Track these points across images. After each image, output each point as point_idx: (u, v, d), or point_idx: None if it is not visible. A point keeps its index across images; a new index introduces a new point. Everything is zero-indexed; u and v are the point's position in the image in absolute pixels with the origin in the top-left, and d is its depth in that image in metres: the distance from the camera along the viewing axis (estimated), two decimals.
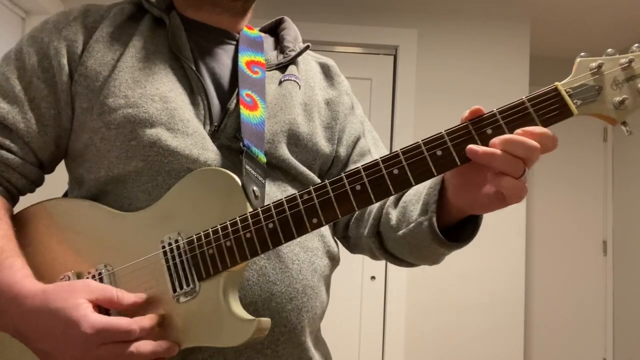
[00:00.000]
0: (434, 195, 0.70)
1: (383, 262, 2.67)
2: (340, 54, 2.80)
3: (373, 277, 2.68)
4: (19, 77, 0.73)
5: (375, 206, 0.81)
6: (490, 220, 3.22)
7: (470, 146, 0.59)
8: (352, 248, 0.89)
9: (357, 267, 2.66)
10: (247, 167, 0.69)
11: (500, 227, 2.70)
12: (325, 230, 0.81)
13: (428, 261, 0.81)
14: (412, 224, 0.72)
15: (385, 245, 0.81)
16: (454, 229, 0.71)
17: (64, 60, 0.73)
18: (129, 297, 0.63)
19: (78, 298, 0.60)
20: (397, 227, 0.76)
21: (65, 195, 0.82)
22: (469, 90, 2.79)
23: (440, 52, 2.80)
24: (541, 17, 2.97)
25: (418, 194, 0.73)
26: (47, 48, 0.74)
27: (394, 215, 0.78)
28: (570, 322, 3.46)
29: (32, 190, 0.78)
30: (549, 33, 3.22)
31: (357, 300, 2.67)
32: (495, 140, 0.58)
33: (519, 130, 0.58)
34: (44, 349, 0.61)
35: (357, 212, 0.85)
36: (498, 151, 0.57)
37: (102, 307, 0.63)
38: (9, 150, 0.72)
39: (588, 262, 3.51)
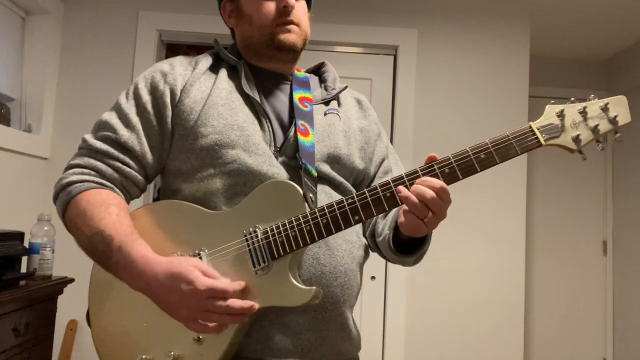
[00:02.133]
0: (395, 215, 1.04)
1: (383, 262, 2.67)
2: (340, 54, 2.84)
3: (373, 277, 2.70)
4: (137, 112, 1.04)
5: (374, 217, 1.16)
6: (490, 221, 3.21)
7: (399, 187, 0.90)
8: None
9: None
10: (305, 179, 0.98)
11: (501, 227, 2.74)
12: (360, 229, 1.11)
13: (397, 263, 1.11)
14: (383, 235, 1.07)
15: (377, 245, 1.14)
16: (412, 243, 1.04)
17: (168, 100, 1.03)
18: (232, 285, 0.90)
19: (190, 266, 0.88)
20: (379, 234, 1.10)
21: (155, 200, 1.12)
22: (469, 90, 2.82)
23: (440, 52, 2.84)
24: (541, 17, 3.01)
25: (395, 211, 1.06)
26: (156, 90, 1.04)
27: (380, 224, 1.11)
28: (570, 322, 3.49)
29: (139, 196, 1.08)
30: (549, 33, 3.24)
31: (358, 300, 2.67)
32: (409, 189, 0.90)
33: (425, 179, 0.89)
34: (167, 300, 0.88)
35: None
36: (412, 195, 0.87)
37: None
38: (128, 166, 1.02)
39: (588, 262, 3.54)
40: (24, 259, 2.05)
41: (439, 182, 0.87)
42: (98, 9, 2.80)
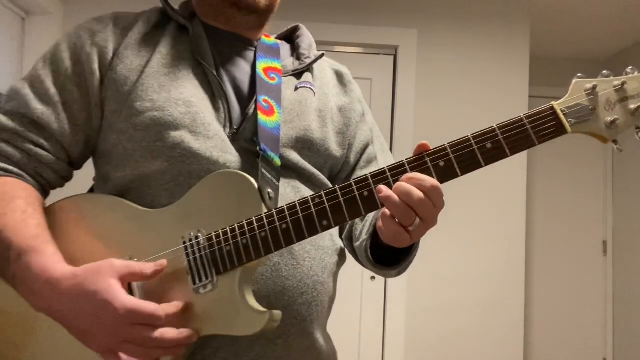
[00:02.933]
0: (373, 220, 0.80)
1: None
2: (340, 54, 2.80)
3: (373, 277, 2.68)
4: (54, 81, 0.80)
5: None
6: (490, 221, 3.21)
7: (380, 186, 0.67)
8: None
9: (357, 267, 2.65)
10: (263, 170, 0.75)
11: (501, 227, 2.71)
12: (334, 230, 0.88)
13: (376, 273, 0.87)
14: (361, 240, 0.84)
15: (354, 252, 0.90)
16: (396, 251, 0.79)
17: (95, 66, 0.80)
18: (150, 266, 0.69)
19: (108, 279, 0.66)
20: (357, 238, 0.86)
21: (92, 191, 0.88)
22: (469, 90, 2.80)
23: (440, 52, 2.80)
24: (541, 17, 2.98)
25: (377, 212, 0.80)
26: (80, 54, 0.80)
27: (359, 226, 0.87)
28: (570, 322, 3.47)
29: (61, 185, 0.84)
30: (549, 33, 3.22)
31: (357, 300, 2.67)
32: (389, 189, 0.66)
33: (413, 176, 0.66)
34: (77, 326, 0.67)
35: None
36: (395, 196, 0.65)
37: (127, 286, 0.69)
38: (42, 148, 0.78)
39: (588, 262, 3.52)
40: None
41: (430, 180, 0.65)
42: (98, 9, 2.78)
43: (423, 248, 0.88)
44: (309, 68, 0.91)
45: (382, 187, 0.66)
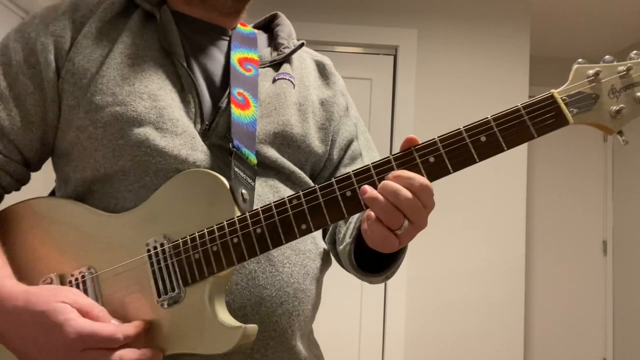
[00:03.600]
0: (357, 222, 0.72)
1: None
2: (340, 54, 2.80)
3: None
4: (4, 73, 0.71)
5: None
6: (490, 221, 3.21)
7: (364, 187, 0.59)
8: None
9: None
10: (236, 169, 0.67)
11: (500, 227, 2.71)
12: (317, 232, 0.79)
13: (362, 279, 0.79)
14: (344, 243, 0.75)
15: (338, 256, 0.81)
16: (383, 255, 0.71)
17: (51, 57, 0.71)
18: (111, 325, 0.61)
19: (61, 301, 0.59)
20: (340, 241, 0.78)
21: (53, 193, 0.80)
22: (469, 90, 2.79)
23: (440, 52, 2.79)
24: (541, 17, 2.97)
25: (361, 214, 0.72)
26: (34, 44, 0.72)
27: (342, 229, 0.79)
28: (570, 322, 3.47)
29: (17, 189, 0.76)
30: (549, 33, 3.22)
31: (357, 300, 2.67)
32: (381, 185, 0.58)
33: (400, 174, 0.59)
34: (23, 351, 0.60)
35: None
36: (380, 197, 0.57)
37: None
38: None
39: (588, 262, 3.52)
40: None
41: (419, 178, 0.58)
42: None
43: (423, 248, 0.84)
44: (288, 59, 0.83)
45: (367, 188, 0.59)
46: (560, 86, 0.62)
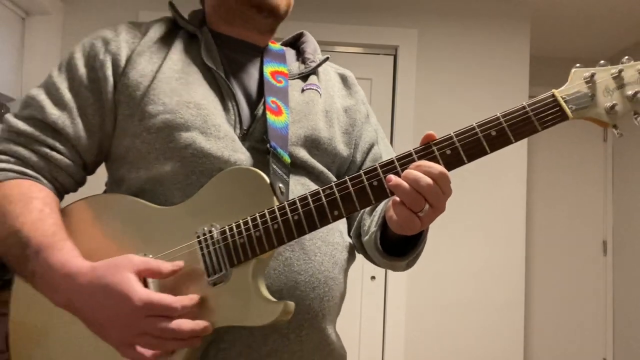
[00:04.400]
0: (383, 209, 0.81)
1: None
2: (340, 54, 2.81)
3: (373, 277, 2.68)
4: (69, 87, 0.82)
5: (358, 212, 0.91)
6: (490, 221, 3.21)
7: (389, 175, 0.69)
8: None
9: (357, 267, 2.65)
10: (274, 166, 0.78)
11: (500, 227, 2.72)
12: (344, 227, 0.90)
13: (386, 267, 0.90)
14: (370, 233, 0.85)
15: (363, 246, 0.91)
16: (405, 243, 0.82)
17: (109, 72, 0.82)
18: (167, 265, 0.71)
19: (126, 272, 0.68)
20: (365, 232, 0.88)
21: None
22: (469, 90, 2.80)
23: (440, 52, 2.80)
24: (541, 17, 2.98)
25: (384, 205, 0.83)
26: (94, 61, 0.83)
27: (367, 221, 0.89)
28: (570, 322, 3.47)
29: (75, 190, 0.87)
30: (549, 33, 3.23)
31: (357, 300, 2.68)
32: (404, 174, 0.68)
33: (421, 164, 0.68)
34: (95, 320, 0.69)
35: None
36: (404, 183, 0.67)
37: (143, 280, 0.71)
38: (58, 152, 0.81)
39: (588, 262, 3.52)
40: None
41: (437, 167, 0.67)
42: (98, 9, 2.70)
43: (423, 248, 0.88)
44: (314, 71, 0.94)
45: (392, 176, 0.68)
46: (558, 85, 0.72)
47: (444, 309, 2.69)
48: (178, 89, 0.81)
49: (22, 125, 0.80)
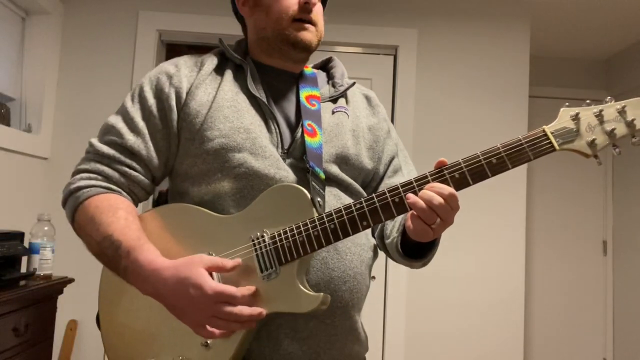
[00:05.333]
0: (403, 219, 1.02)
1: (383, 262, 2.67)
2: (340, 54, 2.83)
3: (373, 277, 2.68)
4: (142, 116, 1.03)
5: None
6: (490, 221, 3.21)
7: (409, 194, 0.88)
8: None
9: None
10: (313, 183, 0.96)
11: (501, 228, 2.75)
12: (368, 230, 1.08)
13: (404, 265, 1.08)
14: (391, 237, 1.05)
15: (385, 247, 1.12)
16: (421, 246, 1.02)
17: (173, 103, 1.02)
18: (230, 262, 0.91)
19: (199, 268, 0.88)
20: (387, 236, 1.08)
21: (158, 204, 1.12)
22: (469, 91, 2.83)
23: (440, 52, 2.84)
24: (541, 17, 3.01)
25: (401, 218, 1.05)
26: (161, 93, 1.03)
27: (389, 226, 1.09)
28: (570, 322, 3.49)
29: (147, 199, 1.08)
30: (549, 33, 3.25)
31: None
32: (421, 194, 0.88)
33: (434, 185, 0.87)
34: (176, 305, 0.88)
35: None
36: (420, 201, 0.86)
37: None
38: (135, 170, 1.02)
39: (588, 262, 3.53)
40: (24, 259, 2.04)
41: (447, 189, 0.86)
42: (98, 9, 2.79)
43: None
44: (342, 94, 1.13)
45: (411, 195, 0.87)
46: (558, 85, 1.05)
47: (444, 309, 2.71)
48: (230, 116, 1.00)
49: (105, 148, 1.01)
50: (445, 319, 2.73)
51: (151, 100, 1.03)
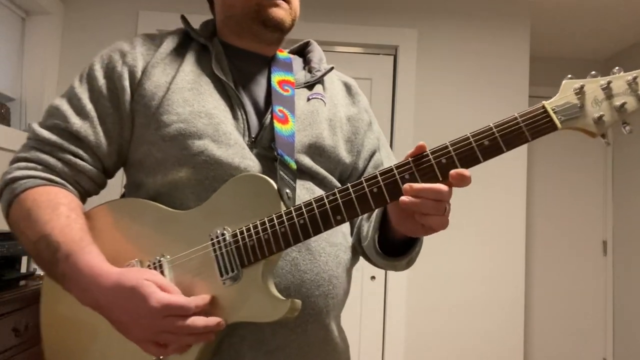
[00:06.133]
0: (378, 219, 0.88)
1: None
2: (340, 54, 2.82)
3: (373, 277, 2.69)
4: (90, 97, 0.89)
5: (358, 218, 0.96)
6: (490, 221, 3.20)
7: (402, 198, 0.73)
8: None
9: (357, 267, 2.64)
10: (281, 172, 0.83)
11: (501, 228, 2.72)
12: (347, 229, 0.96)
13: (387, 268, 0.96)
14: (369, 239, 0.90)
15: (364, 251, 0.97)
16: (404, 244, 0.88)
17: (126, 83, 0.89)
18: (191, 302, 0.76)
19: (145, 278, 0.74)
20: (364, 238, 0.93)
21: (123, 196, 0.96)
22: (469, 90, 2.80)
23: (440, 52, 2.81)
24: (541, 17, 2.99)
25: (378, 213, 0.89)
26: (112, 72, 0.90)
27: (365, 227, 0.95)
28: (570, 322, 3.48)
29: (97, 193, 0.94)
30: (549, 33, 3.23)
31: (357, 300, 2.68)
32: (413, 188, 0.72)
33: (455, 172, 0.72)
34: (119, 319, 0.75)
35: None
36: (418, 201, 0.71)
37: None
38: (81, 158, 0.87)
39: (588, 262, 3.52)
40: (24, 259, 2.01)
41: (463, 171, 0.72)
42: (98, 9, 2.73)
43: (423, 248, 0.95)
44: (319, 80, 1.00)
45: (404, 198, 0.72)
46: (558, 85, 0.74)
47: (444, 309, 2.69)
48: (190, 99, 0.87)
49: (47, 134, 0.87)
50: (445, 318, 2.69)
51: (101, 80, 0.89)
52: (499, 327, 2.71)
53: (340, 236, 0.92)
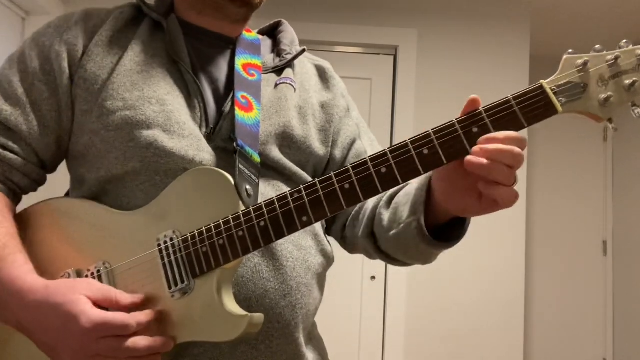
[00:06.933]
0: (421, 197, 0.71)
1: (383, 262, 2.67)
2: (340, 54, 2.81)
3: (373, 277, 2.68)
4: (22, 80, 0.75)
5: (369, 207, 0.83)
6: (490, 221, 3.22)
7: (468, 157, 0.59)
8: (350, 248, 0.91)
9: (357, 267, 2.66)
10: (241, 166, 0.71)
11: (500, 227, 2.71)
12: (319, 229, 0.82)
13: (419, 261, 0.81)
14: (402, 225, 0.74)
15: (379, 245, 0.82)
16: (442, 228, 0.74)
17: (65, 64, 0.75)
18: (126, 298, 0.66)
19: (77, 294, 0.62)
20: (388, 228, 0.78)
21: (67, 194, 0.84)
22: (469, 91, 2.76)
23: (440, 52, 2.80)
24: (541, 17, 2.97)
25: (408, 195, 0.74)
26: (49, 52, 0.76)
27: (386, 216, 0.79)
28: (570, 322, 3.47)
29: (35, 190, 0.80)
30: (549, 33, 3.22)
31: (357, 300, 2.68)
32: (485, 150, 0.59)
33: (499, 135, 0.59)
34: (45, 342, 0.63)
35: (353, 213, 0.87)
36: (487, 161, 0.58)
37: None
38: (11, 151, 0.74)
39: (588, 262, 3.51)
40: None
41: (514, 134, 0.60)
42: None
43: None
44: (290, 64, 0.87)
45: (471, 158, 0.59)
46: None
47: (444, 309, 2.68)
48: (140, 83, 0.74)
49: None
50: (445, 318, 2.64)
51: (35, 61, 0.76)
52: (499, 327, 2.68)
53: (309, 238, 0.79)
